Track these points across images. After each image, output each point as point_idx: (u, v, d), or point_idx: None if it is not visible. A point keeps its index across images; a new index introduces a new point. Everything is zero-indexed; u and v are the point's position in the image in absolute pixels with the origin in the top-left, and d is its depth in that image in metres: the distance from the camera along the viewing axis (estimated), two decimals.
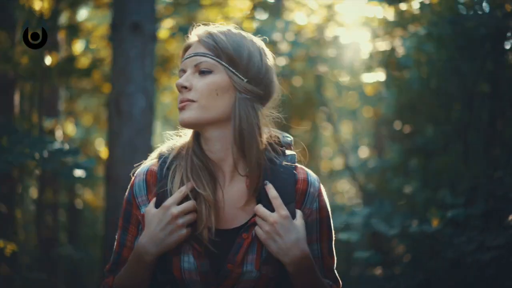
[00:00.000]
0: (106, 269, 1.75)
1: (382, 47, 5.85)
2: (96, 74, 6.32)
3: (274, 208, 1.60)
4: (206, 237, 1.60)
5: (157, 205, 1.63)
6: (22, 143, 3.61)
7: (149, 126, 4.22)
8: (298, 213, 1.63)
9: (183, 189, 1.61)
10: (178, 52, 1.77)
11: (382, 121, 7.85)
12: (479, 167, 4.11)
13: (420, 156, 5.28)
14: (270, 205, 1.60)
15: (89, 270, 8.42)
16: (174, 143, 1.74)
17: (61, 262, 6.72)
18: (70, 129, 8.65)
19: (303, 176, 1.69)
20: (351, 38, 6.77)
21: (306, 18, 6.96)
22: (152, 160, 1.73)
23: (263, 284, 1.63)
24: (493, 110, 4.22)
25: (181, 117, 1.63)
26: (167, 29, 6.62)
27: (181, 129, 1.74)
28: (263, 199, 1.62)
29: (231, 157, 1.64)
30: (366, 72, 6.34)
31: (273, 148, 1.69)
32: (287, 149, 1.74)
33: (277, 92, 1.73)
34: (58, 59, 5.94)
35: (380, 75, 6.09)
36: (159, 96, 8.51)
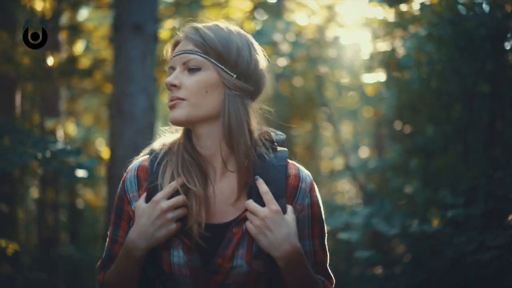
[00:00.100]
0: (98, 266, 1.74)
1: (383, 48, 5.86)
2: (97, 75, 6.33)
3: (265, 203, 1.59)
4: (196, 232, 1.59)
5: (148, 200, 1.62)
6: (24, 143, 3.62)
7: (151, 126, 4.23)
8: (289, 208, 1.62)
9: (174, 184, 1.61)
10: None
11: (383, 121, 7.85)
12: (479, 167, 4.11)
13: (421, 156, 5.28)
14: (261, 200, 1.59)
15: (90, 270, 8.41)
16: (166, 139, 1.75)
17: (62, 262, 6.72)
18: (71, 129, 8.66)
19: (295, 172, 1.68)
20: (352, 39, 6.79)
21: (307, 19, 6.97)
22: (144, 156, 1.74)
23: (253, 279, 1.62)
24: (493, 110, 4.22)
25: (172, 116, 1.64)
26: (168, 30, 6.63)
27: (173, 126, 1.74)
28: (254, 195, 1.61)
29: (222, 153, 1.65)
30: (367, 73, 6.34)
31: (265, 144, 1.68)
32: (280, 146, 1.72)
33: (268, 86, 1.72)
34: (59, 60, 5.95)
35: (381, 76, 6.09)
36: (160, 96, 8.52)
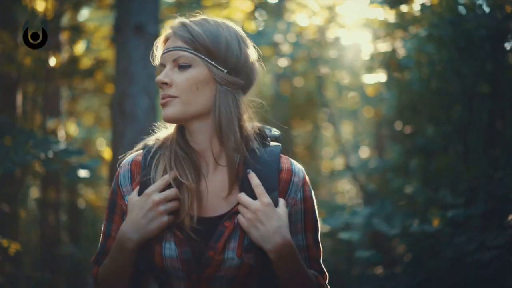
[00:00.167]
0: (92, 260, 1.74)
1: (383, 48, 5.86)
2: (99, 75, 6.34)
3: (257, 196, 1.59)
4: (188, 225, 1.60)
5: (140, 193, 1.63)
6: (25, 143, 3.63)
7: (152, 126, 4.24)
8: (281, 201, 1.63)
9: (166, 177, 1.62)
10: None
11: (383, 122, 7.84)
12: (479, 167, 4.12)
13: (421, 156, 5.29)
14: (254, 194, 1.60)
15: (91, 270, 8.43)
16: (160, 134, 1.76)
17: (63, 262, 6.73)
18: (72, 129, 8.67)
19: (287, 166, 1.69)
20: (352, 40, 6.80)
21: (308, 20, 6.98)
22: (138, 151, 1.75)
23: (245, 273, 1.62)
24: (493, 111, 4.23)
25: (165, 113, 1.65)
26: None
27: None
28: (247, 189, 1.61)
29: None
30: (367, 73, 6.35)
31: (257, 140, 1.69)
32: (273, 142, 1.73)
33: (259, 78, 1.71)
34: (61, 60, 5.96)
35: (381, 76, 6.09)
36: None
